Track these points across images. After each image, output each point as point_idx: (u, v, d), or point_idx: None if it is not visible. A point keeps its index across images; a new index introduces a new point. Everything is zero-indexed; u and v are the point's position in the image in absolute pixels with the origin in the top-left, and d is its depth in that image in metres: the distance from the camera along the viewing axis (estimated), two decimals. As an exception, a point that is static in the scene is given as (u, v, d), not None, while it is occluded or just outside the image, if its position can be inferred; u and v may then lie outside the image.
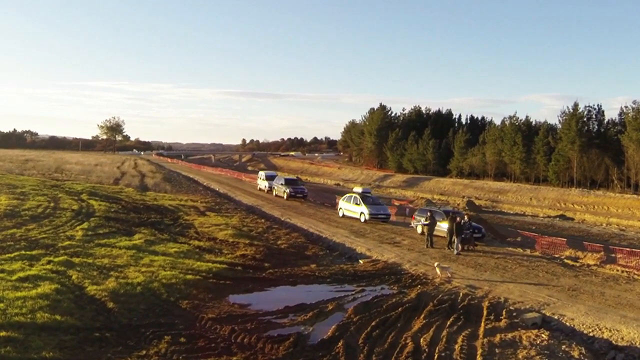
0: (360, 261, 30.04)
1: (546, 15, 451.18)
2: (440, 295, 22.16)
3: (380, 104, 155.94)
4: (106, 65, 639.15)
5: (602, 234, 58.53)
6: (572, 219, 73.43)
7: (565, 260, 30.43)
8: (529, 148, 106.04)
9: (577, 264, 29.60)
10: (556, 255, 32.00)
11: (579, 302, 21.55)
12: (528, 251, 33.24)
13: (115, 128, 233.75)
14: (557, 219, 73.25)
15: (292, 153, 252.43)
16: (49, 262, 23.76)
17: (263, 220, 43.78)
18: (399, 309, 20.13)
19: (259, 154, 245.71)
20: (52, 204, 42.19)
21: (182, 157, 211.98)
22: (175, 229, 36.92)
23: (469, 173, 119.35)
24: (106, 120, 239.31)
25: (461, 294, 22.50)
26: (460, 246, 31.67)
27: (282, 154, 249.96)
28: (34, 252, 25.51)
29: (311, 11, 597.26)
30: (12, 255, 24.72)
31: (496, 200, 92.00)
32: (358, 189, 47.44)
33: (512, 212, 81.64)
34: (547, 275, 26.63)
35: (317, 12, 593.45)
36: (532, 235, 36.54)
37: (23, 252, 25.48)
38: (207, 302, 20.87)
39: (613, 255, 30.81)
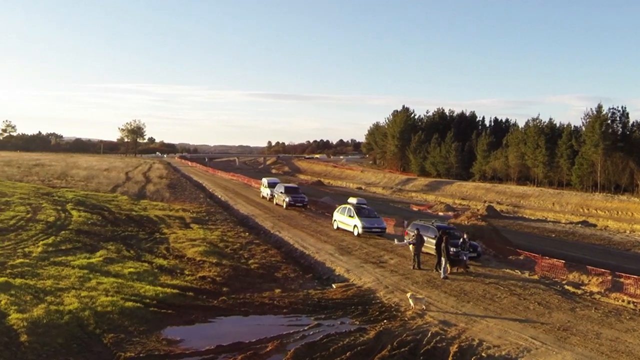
0: (334, 285, 26.94)
1: (575, 15, 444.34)
2: (404, 335, 18.79)
3: (403, 106, 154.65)
4: (133, 67, 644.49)
5: (624, 242, 56.11)
6: (595, 226, 71.45)
7: (566, 287, 26.73)
8: (552, 151, 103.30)
9: (579, 292, 25.93)
10: (557, 280, 28.30)
11: (567, 348, 18.06)
12: (527, 274, 29.47)
13: (136, 131, 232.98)
14: (579, 225, 71.52)
15: (317, 155, 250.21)
16: (-15, 284, 21.50)
17: (247, 234, 40.88)
18: (347, 354, 16.94)
19: (283, 156, 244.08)
20: (29, 215, 39.79)
21: (206, 159, 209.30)
22: (146, 244, 34.20)
23: (492, 177, 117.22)
24: (127, 123, 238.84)
25: (430, 334, 19.08)
26: (449, 268, 28.21)
27: (307, 156, 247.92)
28: (-25, 272, 23.32)
29: (338, 14, 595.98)
30: (-50, 275, 22.65)
31: (518, 205, 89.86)
32: (353, 200, 44.15)
33: (533, 218, 79.84)
34: (538, 308, 23.04)
35: (344, 14, 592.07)
36: (533, 256, 32.76)
37: (-36, 271, 23.34)
38: (134, 336, 18.31)
39: (621, 280, 26.97)
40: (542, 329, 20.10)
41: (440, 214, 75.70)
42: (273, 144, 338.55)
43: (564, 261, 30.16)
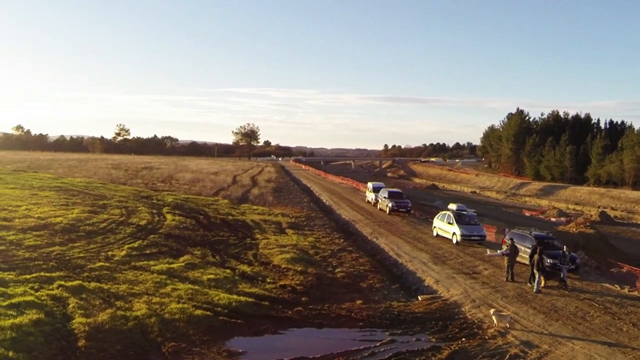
0: (419, 297, 25.39)
1: None
2: (479, 356, 17.19)
3: (518, 109, 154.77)
4: (252, 72, 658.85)
5: None
6: None
7: (668, 306, 23.97)
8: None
9: (683, 312, 23.17)
10: (659, 297, 25.42)
11: (657, 380, 15.82)
12: (626, 289, 26.60)
13: (250, 134, 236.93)
14: (696, 234, 68.01)
15: (433, 159, 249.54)
16: (59, 287, 21.67)
17: (342, 240, 39.60)
18: (413, 376, 15.54)
19: (399, 159, 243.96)
20: (122, 218, 39.56)
21: (321, 163, 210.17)
22: (234, 250, 33.54)
23: (607, 181, 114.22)
24: (241, 126, 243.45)
25: (508, 356, 17.34)
26: (542, 281, 26.15)
27: (423, 159, 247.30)
28: (54, 274, 23.57)
29: (458, 16, 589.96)
30: (29, 276, 22.86)
31: (633, 211, 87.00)
32: (453, 206, 42.09)
33: (648, 225, 77.00)
34: (632, 330, 20.50)
35: (464, 17, 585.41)
36: (634, 270, 29.99)
37: (43, 273, 23.63)
38: (196, 345, 17.72)
39: None
40: (633, 355, 17.81)
41: (553, 219, 73.53)
42: (389, 147, 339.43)
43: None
